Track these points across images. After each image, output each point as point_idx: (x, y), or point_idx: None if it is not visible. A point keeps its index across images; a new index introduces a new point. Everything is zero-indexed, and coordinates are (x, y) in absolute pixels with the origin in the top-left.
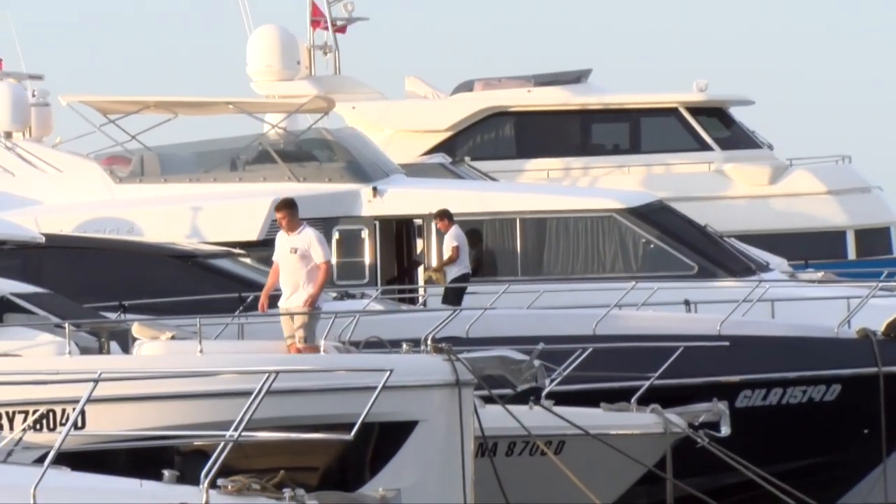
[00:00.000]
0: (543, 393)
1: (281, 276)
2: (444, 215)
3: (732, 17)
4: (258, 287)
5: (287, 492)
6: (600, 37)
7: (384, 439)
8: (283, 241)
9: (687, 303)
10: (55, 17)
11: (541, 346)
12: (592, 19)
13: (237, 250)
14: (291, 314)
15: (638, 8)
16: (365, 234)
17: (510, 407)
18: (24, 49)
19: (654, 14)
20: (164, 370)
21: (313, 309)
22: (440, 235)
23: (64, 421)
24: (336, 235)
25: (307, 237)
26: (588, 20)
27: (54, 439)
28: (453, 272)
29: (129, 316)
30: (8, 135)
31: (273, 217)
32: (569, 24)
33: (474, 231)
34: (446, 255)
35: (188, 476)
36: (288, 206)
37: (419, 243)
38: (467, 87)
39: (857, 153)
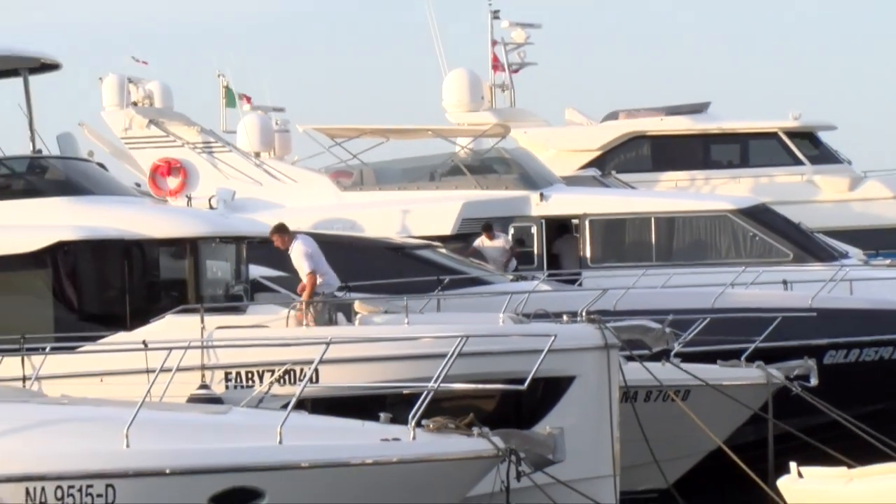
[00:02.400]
0: (672, 353)
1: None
2: (488, 228)
3: (821, 58)
4: (453, 272)
5: (476, 430)
6: (717, 73)
7: (549, 390)
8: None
9: (784, 283)
10: (295, 59)
11: (670, 317)
12: (712, 59)
13: (435, 243)
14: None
15: (746, 50)
16: (534, 230)
17: (647, 364)
18: (271, 86)
19: (759, 55)
20: (379, 336)
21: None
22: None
23: (302, 377)
24: (511, 231)
25: (293, 255)
26: (708, 60)
27: (295, 391)
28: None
29: (352, 295)
30: (257, 154)
31: (463, 216)
32: (693, 63)
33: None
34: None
35: (399, 418)
36: (275, 231)
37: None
38: (613, 116)
39: None
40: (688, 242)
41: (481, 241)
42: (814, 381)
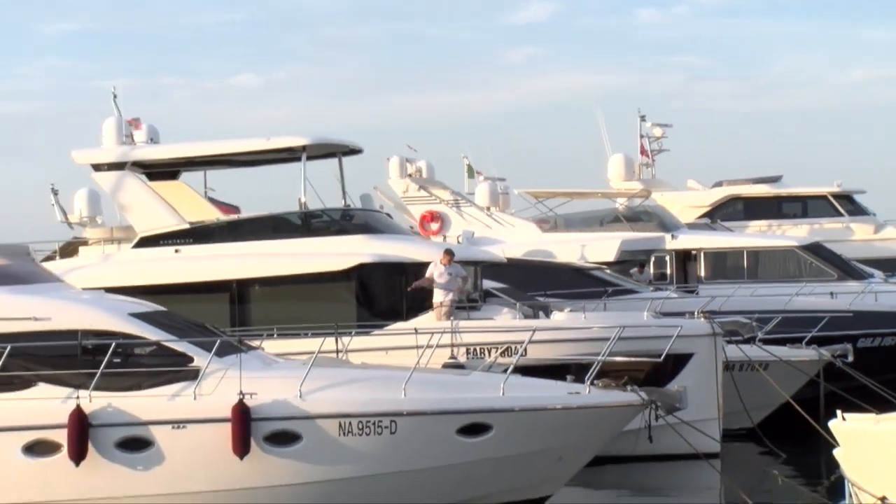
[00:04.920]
0: (757, 339)
1: (438, 285)
2: (641, 265)
3: (856, 141)
4: (614, 285)
5: (628, 387)
6: (788, 150)
7: (676, 362)
8: (441, 268)
9: (831, 294)
10: (513, 143)
11: (756, 315)
12: (784, 142)
13: (603, 266)
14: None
15: (807, 138)
16: (667, 258)
17: (741, 346)
18: (497, 161)
19: (814, 140)
20: (566, 326)
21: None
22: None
23: (517, 352)
24: (653, 259)
25: (457, 268)
26: (782, 143)
27: (512, 361)
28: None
29: (549, 299)
30: (488, 209)
31: (622, 249)
32: (772, 145)
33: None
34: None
35: (579, 379)
36: (447, 252)
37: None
38: (719, 184)
39: None
40: (767, 267)
41: (636, 271)
42: (851, 359)
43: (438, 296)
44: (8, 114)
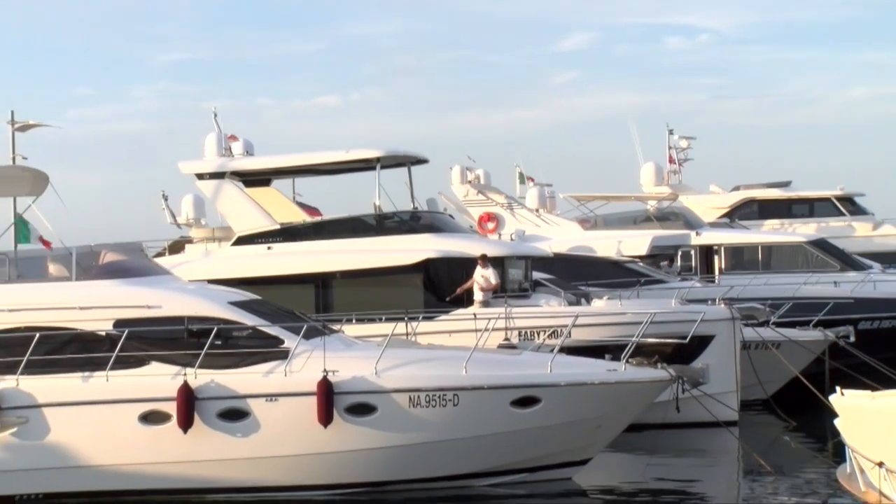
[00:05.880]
0: (770, 322)
1: (476, 286)
2: (671, 259)
3: (857, 150)
4: (646, 276)
5: (659, 365)
6: (795, 158)
7: (700, 343)
8: (479, 270)
9: (835, 283)
10: (558, 153)
11: (769, 301)
12: (792, 152)
13: (636, 260)
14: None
15: (813, 149)
16: (692, 253)
17: (756, 329)
18: (543, 166)
19: (819, 150)
20: (605, 311)
21: (484, 302)
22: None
23: (562, 334)
24: (680, 254)
25: (490, 270)
26: (790, 152)
27: (558, 342)
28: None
29: (589, 289)
30: (537, 210)
31: (653, 245)
32: (782, 154)
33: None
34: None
35: (616, 358)
36: (481, 257)
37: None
38: (736, 188)
39: None
40: (779, 260)
41: (667, 263)
42: (852, 339)
43: (484, 293)
44: (127, 131)
